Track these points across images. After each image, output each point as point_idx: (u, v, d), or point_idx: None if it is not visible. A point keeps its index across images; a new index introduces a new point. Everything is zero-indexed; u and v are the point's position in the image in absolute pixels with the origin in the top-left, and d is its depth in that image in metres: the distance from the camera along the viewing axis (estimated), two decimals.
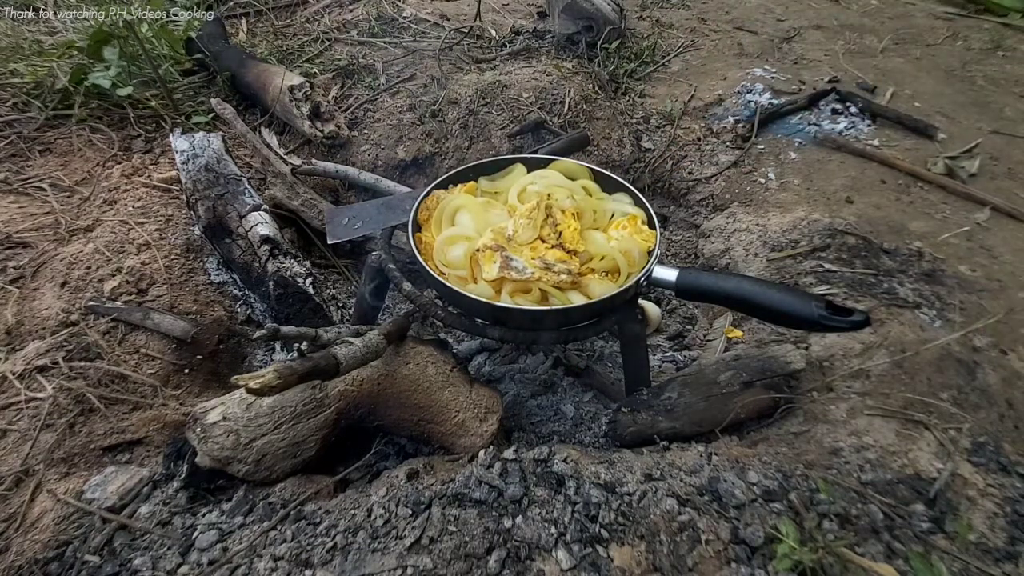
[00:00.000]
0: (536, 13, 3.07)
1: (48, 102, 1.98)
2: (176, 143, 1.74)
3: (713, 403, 1.25)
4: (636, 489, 0.99)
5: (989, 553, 0.97)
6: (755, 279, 1.13)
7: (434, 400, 1.19)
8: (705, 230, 1.96)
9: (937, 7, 3.36)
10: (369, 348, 1.06)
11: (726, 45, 2.84)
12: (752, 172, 2.08)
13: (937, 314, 1.45)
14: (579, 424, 1.44)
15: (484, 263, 1.15)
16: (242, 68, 2.25)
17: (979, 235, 1.79)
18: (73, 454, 1.16)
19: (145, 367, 1.36)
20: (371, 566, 0.88)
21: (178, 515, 1.04)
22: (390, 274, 1.26)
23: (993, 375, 1.31)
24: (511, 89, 2.25)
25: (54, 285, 1.45)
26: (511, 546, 0.90)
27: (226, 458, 1.06)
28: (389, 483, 1.04)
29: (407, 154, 2.13)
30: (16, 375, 1.24)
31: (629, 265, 1.16)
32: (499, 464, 1.03)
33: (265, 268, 1.56)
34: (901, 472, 1.09)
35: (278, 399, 1.10)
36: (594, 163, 1.48)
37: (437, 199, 1.31)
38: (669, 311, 1.87)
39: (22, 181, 1.76)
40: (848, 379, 1.31)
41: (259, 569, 0.90)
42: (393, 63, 2.47)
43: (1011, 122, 2.33)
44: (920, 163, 2.06)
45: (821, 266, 1.62)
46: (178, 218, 1.73)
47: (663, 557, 0.90)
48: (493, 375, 1.60)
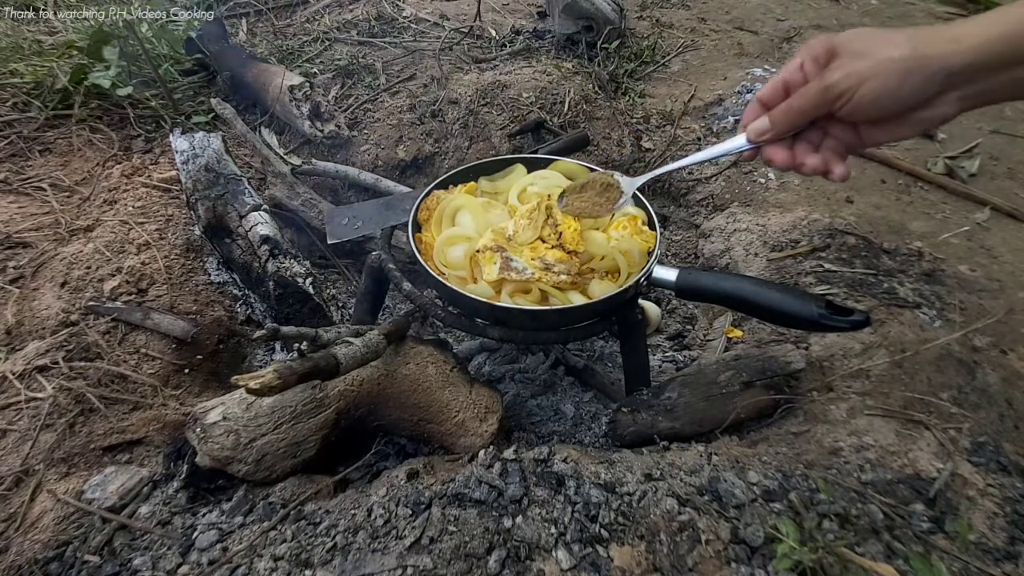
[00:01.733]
0: (536, 13, 3.07)
1: (48, 102, 1.98)
2: (176, 143, 1.74)
3: (713, 403, 1.25)
4: (636, 489, 0.99)
5: (989, 553, 0.97)
6: (755, 279, 1.13)
7: (434, 400, 1.19)
8: (705, 230, 1.96)
9: (937, 7, 3.36)
10: (369, 348, 1.06)
11: (726, 45, 2.84)
12: (752, 172, 2.08)
13: (937, 314, 1.45)
14: (579, 424, 1.44)
15: (484, 264, 1.15)
16: (242, 68, 2.25)
17: (979, 235, 1.79)
18: (73, 454, 1.16)
19: (145, 367, 1.36)
20: (371, 566, 0.88)
21: (178, 515, 1.04)
22: (390, 274, 1.26)
23: (993, 375, 1.31)
24: (511, 89, 2.25)
25: (54, 285, 1.45)
26: (511, 546, 0.90)
27: (226, 458, 1.06)
28: (389, 483, 1.04)
29: (407, 154, 2.13)
30: (16, 375, 1.24)
31: (629, 265, 1.16)
32: (499, 464, 1.03)
33: (265, 268, 1.56)
34: (901, 472, 1.09)
35: (278, 399, 1.10)
36: (594, 163, 1.48)
37: (437, 199, 1.31)
38: (669, 311, 1.87)
39: (22, 181, 1.76)
40: (848, 379, 1.31)
41: (259, 569, 0.90)
42: (393, 63, 2.48)
43: (1011, 122, 2.33)
44: (920, 163, 2.06)
45: (821, 266, 1.62)
46: (178, 218, 1.73)
47: (663, 557, 0.90)
48: (493, 375, 1.60)
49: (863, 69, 0.68)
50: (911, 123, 0.71)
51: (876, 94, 0.68)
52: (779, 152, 0.81)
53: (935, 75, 0.66)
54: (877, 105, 0.70)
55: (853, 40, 0.70)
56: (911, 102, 0.68)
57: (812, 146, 0.80)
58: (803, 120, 0.77)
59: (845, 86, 0.70)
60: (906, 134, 0.73)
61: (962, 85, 0.66)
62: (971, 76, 0.65)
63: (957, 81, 0.66)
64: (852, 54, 0.70)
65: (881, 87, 0.68)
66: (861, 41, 0.69)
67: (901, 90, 0.67)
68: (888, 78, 0.67)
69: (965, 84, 0.66)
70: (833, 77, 0.71)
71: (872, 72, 0.68)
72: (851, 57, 0.70)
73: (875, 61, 0.68)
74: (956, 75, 0.65)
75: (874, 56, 0.68)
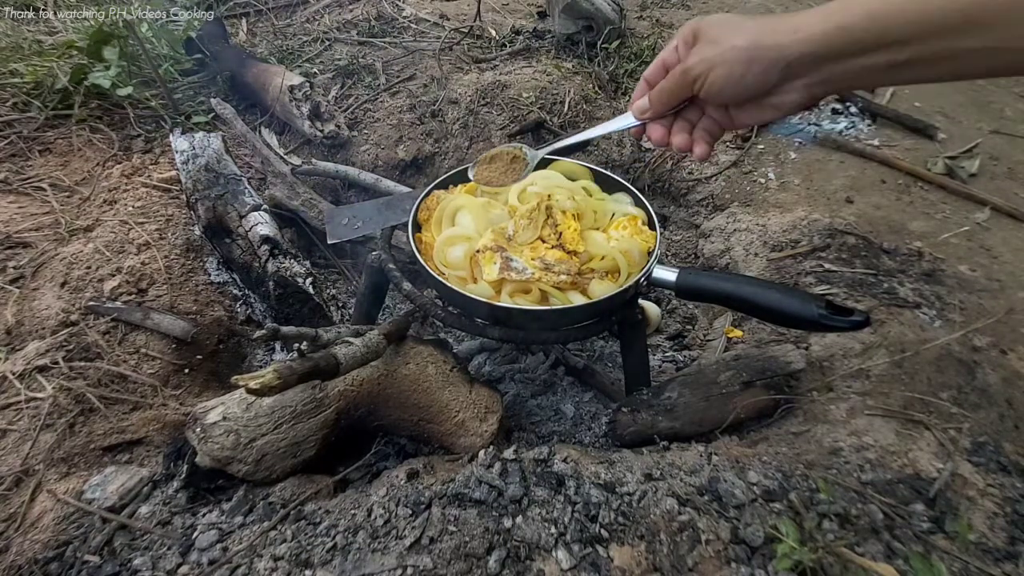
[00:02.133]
0: (536, 13, 3.07)
1: (48, 102, 1.98)
2: (176, 143, 1.74)
3: (713, 403, 1.25)
4: (636, 489, 0.99)
5: (989, 553, 0.97)
6: (755, 279, 1.13)
7: (434, 400, 1.19)
8: (705, 230, 1.96)
9: None
10: (369, 348, 1.06)
11: None
12: (752, 172, 2.08)
13: (937, 314, 1.45)
14: (579, 424, 1.44)
15: (484, 264, 1.15)
16: (242, 68, 2.25)
17: (979, 235, 1.79)
18: (73, 454, 1.16)
19: (145, 367, 1.36)
20: (371, 566, 0.88)
21: (178, 515, 1.04)
22: (390, 274, 1.26)
23: (993, 375, 1.31)
24: (511, 89, 2.25)
25: (54, 285, 1.45)
26: (511, 546, 0.90)
27: (226, 458, 1.06)
28: (389, 483, 1.04)
29: (407, 154, 2.13)
30: (16, 375, 1.24)
31: (629, 265, 1.16)
32: (499, 464, 1.03)
33: (265, 268, 1.56)
34: (901, 472, 1.09)
35: (278, 399, 1.10)
36: (594, 163, 1.48)
37: (437, 199, 1.31)
38: (669, 311, 1.87)
39: (22, 181, 1.76)
40: (848, 379, 1.31)
41: (259, 569, 0.90)
42: (393, 63, 2.48)
43: (1011, 122, 2.33)
44: (920, 163, 2.06)
45: (821, 266, 1.62)
46: (178, 218, 1.73)
47: (663, 557, 0.90)
48: (493, 375, 1.60)
49: (712, 55, 0.71)
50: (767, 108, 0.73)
51: (723, 80, 0.71)
52: (656, 129, 0.84)
53: (774, 64, 0.67)
54: (725, 91, 0.72)
55: (712, 26, 0.72)
56: (756, 89, 0.70)
57: (689, 124, 0.83)
58: (673, 100, 0.79)
59: (699, 71, 0.72)
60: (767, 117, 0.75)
61: (805, 74, 0.67)
62: (811, 65, 0.66)
63: (798, 70, 0.67)
64: (707, 40, 0.72)
65: (726, 74, 0.70)
66: (718, 27, 0.71)
67: (745, 78, 0.69)
68: (732, 66, 0.69)
69: (807, 73, 0.67)
70: (689, 61, 0.73)
71: (720, 59, 0.70)
72: (706, 43, 0.72)
73: (723, 48, 0.70)
74: (795, 63, 0.67)
75: (723, 43, 0.70)
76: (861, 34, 0.62)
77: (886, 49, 0.62)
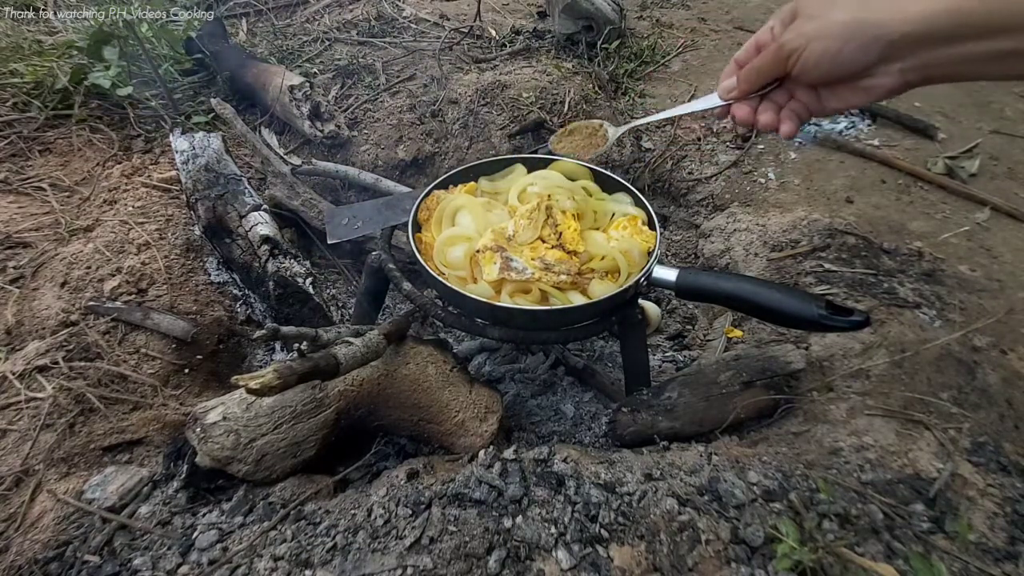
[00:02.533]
0: (536, 13, 3.07)
1: (48, 102, 1.98)
2: (176, 143, 1.74)
3: (713, 403, 1.25)
4: (636, 489, 0.99)
5: (989, 553, 0.97)
6: (755, 279, 1.13)
7: (434, 400, 1.19)
8: (705, 230, 1.96)
9: None
10: (369, 348, 1.06)
11: (726, 45, 2.84)
12: (752, 172, 2.08)
13: (937, 314, 1.45)
14: (579, 424, 1.44)
15: (484, 264, 1.15)
16: (242, 68, 2.25)
17: (979, 235, 1.79)
18: (73, 454, 1.16)
19: (145, 367, 1.36)
20: (371, 566, 0.88)
21: (178, 515, 1.04)
22: (390, 274, 1.26)
23: (993, 375, 1.31)
24: (511, 89, 2.25)
25: (54, 285, 1.45)
26: (511, 546, 0.90)
27: (226, 458, 1.06)
28: (389, 483, 1.04)
29: (407, 154, 2.13)
30: (16, 375, 1.24)
31: (629, 265, 1.16)
32: (499, 464, 1.03)
33: (265, 268, 1.56)
34: (901, 472, 1.09)
35: (278, 399, 1.10)
36: (594, 163, 1.48)
37: (437, 199, 1.31)
38: (669, 311, 1.87)
39: (22, 181, 1.76)
40: (848, 379, 1.31)
41: (259, 569, 0.90)
42: (393, 63, 2.48)
43: (1011, 122, 2.33)
44: (920, 163, 2.06)
45: (821, 266, 1.62)
46: (178, 218, 1.73)
47: (663, 557, 0.90)
48: (493, 375, 1.60)
49: (810, 30, 0.69)
50: (858, 91, 0.71)
51: (818, 56, 0.69)
52: (742, 108, 0.83)
53: (874, 42, 0.65)
54: (819, 68, 0.70)
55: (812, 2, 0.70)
56: (851, 68, 0.69)
57: (776, 107, 0.81)
58: (763, 78, 0.78)
59: (794, 45, 0.70)
60: (857, 102, 0.73)
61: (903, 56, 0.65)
62: (912, 47, 0.64)
63: (897, 51, 0.65)
64: (807, 15, 0.70)
65: (823, 49, 0.68)
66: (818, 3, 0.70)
67: (841, 53, 0.67)
68: (830, 41, 0.67)
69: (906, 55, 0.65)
70: (786, 37, 0.72)
71: (818, 33, 0.68)
72: (805, 18, 0.70)
73: (822, 23, 0.68)
74: (896, 44, 0.64)
75: (823, 18, 0.68)
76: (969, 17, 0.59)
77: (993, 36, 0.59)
